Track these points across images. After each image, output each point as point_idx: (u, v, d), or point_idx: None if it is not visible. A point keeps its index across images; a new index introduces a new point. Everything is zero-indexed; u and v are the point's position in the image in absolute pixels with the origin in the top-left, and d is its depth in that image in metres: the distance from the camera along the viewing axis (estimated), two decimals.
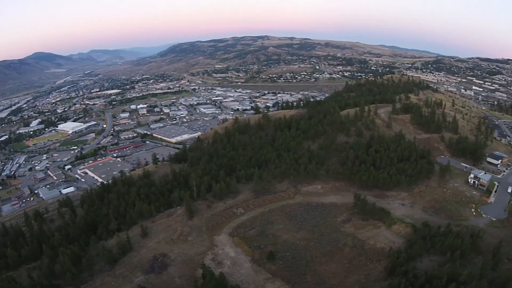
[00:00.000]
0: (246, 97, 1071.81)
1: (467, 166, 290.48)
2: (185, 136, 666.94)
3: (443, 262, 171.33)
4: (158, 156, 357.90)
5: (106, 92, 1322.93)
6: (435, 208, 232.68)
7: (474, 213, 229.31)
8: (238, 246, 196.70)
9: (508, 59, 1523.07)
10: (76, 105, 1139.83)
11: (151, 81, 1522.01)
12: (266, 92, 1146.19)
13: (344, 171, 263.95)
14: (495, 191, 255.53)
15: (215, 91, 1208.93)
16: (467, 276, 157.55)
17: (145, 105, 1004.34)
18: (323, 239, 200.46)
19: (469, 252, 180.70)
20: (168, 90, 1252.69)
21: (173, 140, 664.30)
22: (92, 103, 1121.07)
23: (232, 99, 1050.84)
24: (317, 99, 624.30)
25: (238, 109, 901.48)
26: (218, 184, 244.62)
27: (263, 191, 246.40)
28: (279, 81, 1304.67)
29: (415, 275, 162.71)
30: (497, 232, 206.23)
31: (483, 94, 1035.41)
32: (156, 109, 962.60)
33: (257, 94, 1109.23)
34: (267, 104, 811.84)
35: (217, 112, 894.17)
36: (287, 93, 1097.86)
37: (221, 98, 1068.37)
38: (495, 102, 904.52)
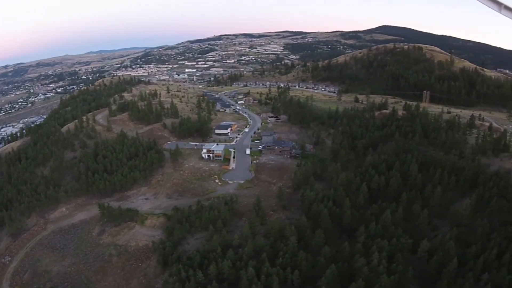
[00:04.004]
0: None
1: (197, 143, 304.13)
2: None
3: (209, 236, 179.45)
4: None
5: None
6: (179, 191, 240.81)
7: (219, 183, 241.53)
8: None
9: (221, 35, 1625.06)
10: None
11: None
12: None
13: (81, 186, 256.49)
14: (234, 157, 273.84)
15: None
16: (239, 238, 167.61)
17: None
18: (89, 258, 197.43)
19: (230, 218, 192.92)
20: None
21: None
22: None
23: None
24: (37, 123, 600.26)
25: None
26: None
27: (18, 231, 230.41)
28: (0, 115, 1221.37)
29: (188, 257, 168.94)
30: (250, 191, 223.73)
31: (197, 74, 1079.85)
32: None
33: None
34: None
35: None
36: (10, 125, 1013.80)
37: None
38: (212, 78, 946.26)
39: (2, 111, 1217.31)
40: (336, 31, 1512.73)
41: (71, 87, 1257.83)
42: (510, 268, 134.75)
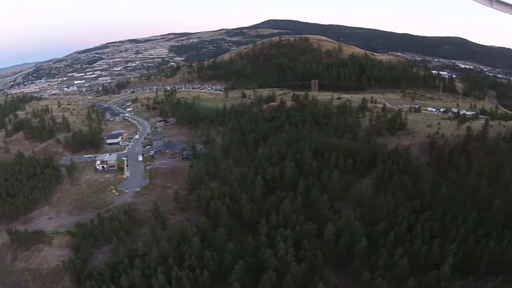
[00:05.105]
0: None
1: (91, 156, 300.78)
2: None
3: (115, 248, 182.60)
4: None
5: None
6: (79, 206, 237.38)
7: (116, 193, 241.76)
8: None
9: (107, 43, 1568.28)
10: None
11: None
12: None
13: None
14: (127, 166, 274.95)
15: None
16: (144, 246, 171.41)
17: None
18: (8, 287, 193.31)
19: (132, 227, 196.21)
20: None
21: None
22: None
23: None
24: None
25: None
26: None
27: None
28: None
29: (99, 272, 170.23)
30: (147, 198, 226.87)
31: (86, 85, 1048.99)
32: None
33: None
34: None
35: None
36: None
37: None
38: (100, 88, 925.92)
39: None
40: (221, 30, 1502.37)
41: None
42: (424, 239, 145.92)
